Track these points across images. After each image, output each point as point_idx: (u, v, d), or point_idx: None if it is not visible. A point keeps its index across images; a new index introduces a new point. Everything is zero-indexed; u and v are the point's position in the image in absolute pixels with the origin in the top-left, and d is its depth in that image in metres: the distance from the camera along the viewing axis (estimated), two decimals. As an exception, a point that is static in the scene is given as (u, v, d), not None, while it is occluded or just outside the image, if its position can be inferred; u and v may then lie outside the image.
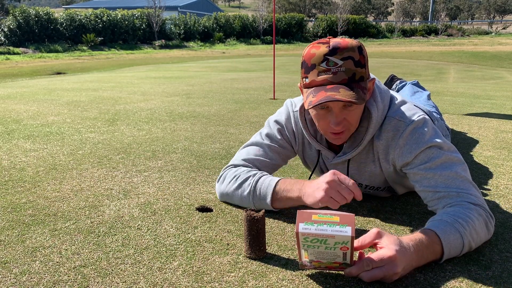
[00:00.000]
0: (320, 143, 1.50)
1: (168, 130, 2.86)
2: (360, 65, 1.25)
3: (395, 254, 1.04)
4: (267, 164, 1.55)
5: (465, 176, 1.29)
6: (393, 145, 1.37)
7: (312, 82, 1.26)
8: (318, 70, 1.25)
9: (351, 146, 1.44)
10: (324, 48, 1.24)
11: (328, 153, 1.50)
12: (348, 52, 1.23)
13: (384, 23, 42.33)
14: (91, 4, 40.21)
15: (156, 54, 20.09)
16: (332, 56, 1.23)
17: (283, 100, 4.37)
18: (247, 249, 1.19)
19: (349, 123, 1.32)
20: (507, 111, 3.86)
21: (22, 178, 1.85)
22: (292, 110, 1.55)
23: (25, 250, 1.22)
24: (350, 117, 1.30)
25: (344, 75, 1.23)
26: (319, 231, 0.99)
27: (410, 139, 1.33)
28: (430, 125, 1.36)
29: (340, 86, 1.22)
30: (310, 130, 1.49)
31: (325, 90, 1.23)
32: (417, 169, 1.32)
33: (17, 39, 21.23)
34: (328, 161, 1.52)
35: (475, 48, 22.52)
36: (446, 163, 1.30)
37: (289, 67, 10.65)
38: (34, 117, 3.29)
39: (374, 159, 1.45)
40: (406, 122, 1.35)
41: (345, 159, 1.47)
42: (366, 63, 1.27)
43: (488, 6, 77.14)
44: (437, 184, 1.29)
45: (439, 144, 1.31)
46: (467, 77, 8.73)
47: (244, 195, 1.47)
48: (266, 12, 32.29)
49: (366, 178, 1.51)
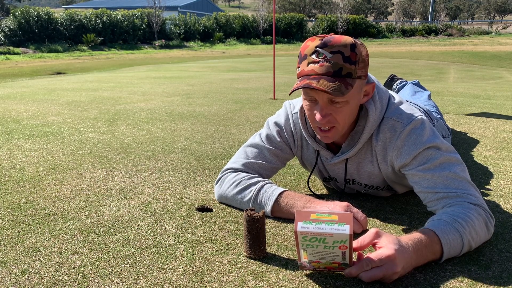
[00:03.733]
0: (319, 144, 1.50)
1: (168, 130, 2.86)
2: (350, 61, 1.25)
3: (394, 253, 1.04)
4: (266, 167, 1.56)
5: (464, 176, 1.29)
6: (391, 146, 1.37)
7: (302, 71, 1.29)
8: (308, 60, 1.27)
9: (348, 145, 1.45)
10: (318, 41, 1.27)
11: (327, 153, 1.50)
12: (339, 47, 1.25)
13: (384, 23, 42.31)
14: (91, 4, 40.21)
15: (156, 54, 20.09)
16: (322, 48, 1.25)
17: (283, 100, 4.37)
18: (247, 249, 1.19)
19: (336, 121, 1.32)
20: (507, 111, 3.86)
21: (22, 178, 1.85)
22: (290, 111, 1.55)
23: (25, 250, 1.22)
24: (337, 114, 1.30)
25: (330, 68, 1.24)
26: (318, 230, 1.00)
27: (408, 140, 1.33)
28: (428, 125, 1.36)
29: (323, 77, 1.24)
30: (309, 130, 1.50)
31: (307, 79, 1.25)
32: (416, 170, 1.32)
33: (17, 39, 21.23)
34: (327, 161, 1.52)
35: (475, 48, 22.51)
36: (444, 163, 1.30)
37: (289, 67, 10.65)
38: (34, 117, 3.29)
39: (372, 159, 1.45)
40: (404, 123, 1.35)
41: (343, 159, 1.47)
42: (358, 61, 1.27)
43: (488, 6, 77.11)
44: (436, 185, 1.29)
45: (437, 145, 1.31)
46: (467, 77, 8.73)
47: (244, 201, 1.47)
48: (266, 12, 32.30)
49: (365, 178, 1.51)
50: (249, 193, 1.46)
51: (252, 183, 1.47)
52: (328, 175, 1.62)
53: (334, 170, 1.55)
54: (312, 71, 1.26)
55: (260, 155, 1.56)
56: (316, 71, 1.25)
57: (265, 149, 1.56)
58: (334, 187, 1.70)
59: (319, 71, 1.25)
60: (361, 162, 1.47)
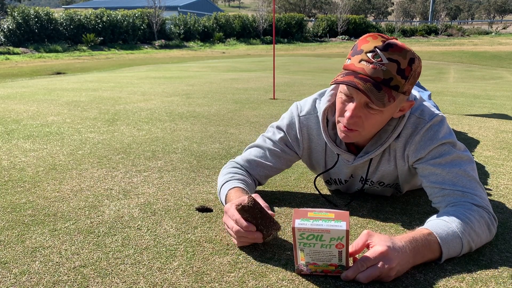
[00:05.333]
0: (340, 147, 1.45)
1: (168, 130, 2.86)
2: (403, 74, 1.20)
3: (387, 249, 1.05)
4: (265, 166, 1.56)
5: (473, 175, 1.30)
6: (410, 142, 1.36)
7: (351, 65, 1.24)
8: (362, 57, 1.22)
9: (374, 145, 1.41)
10: (380, 41, 1.21)
11: (348, 156, 1.45)
12: (398, 56, 1.19)
13: (384, 23, 42.31)
14: (91, 4, 40.20)
15: (156, 54, 20.09)
16: (382, 51, 1.19)
17: (283, 100, 4.37)
18: (265, 232, 1.17)
19: (362, 125, 1.28)
20: (507, 111, 3.86)
21: (22, 178, 1.85)
22: (297, 114, 1.52)
23: (25, 250, 1.22)
24: (366, 119, 1.27)
25: (382, 75, 1.19)
26: (315, 226, 1.01)
27: (425, 136, 1.33)
28: (446, 123, 1.36)
29: (370, 81, 1.19)
30: (329, 134, 1.45)
31: (355, 77, 1.20)
32: (427, 163, 1.33)
33: (17, 39, 21.22)
34: (349, 163, 1.47)
35: (475, 48, 22.52)
36: (456, 160, 1.30)
37: (289, 67, 10.65)
38: (34, 117, 3.29)
39: (390, 158, 1.43)
40: (426, 119, 1.34)
41: (367, 159, 1.43)
42: (410, 77, 1.22)
43: (488, 6, 77.14)
44: (444, 181, 1.29)
45: (452, 141, 1.32)
46: (467, 77, 8.73)
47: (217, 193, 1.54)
48: (266, 12, 32.28)
49: (378, 176, 1.50)
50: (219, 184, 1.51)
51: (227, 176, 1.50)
52: (335, 178, 1.60)
53: (353, 171, 1.52)
54: (363, 70, 1.21)
55: (261, 154, 1.57)
56: (367, 71, 1.20)
57: (267, 149, 1.56)
58: (335, 188, 1.70)
59: (369, 73, 1.20)
60: (380, 161, 1.46)
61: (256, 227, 1.17)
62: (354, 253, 1.10)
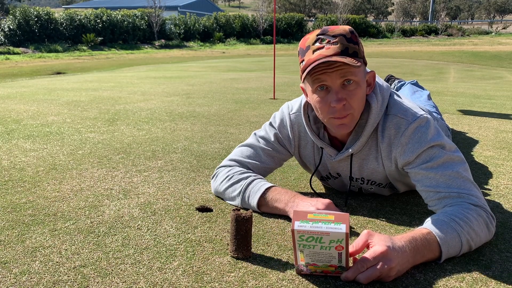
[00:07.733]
0: (323, 141, 1.48)
1: (168, 130, 2.86)
2: (353, 41, 1.27)
3: (386, 249, 1.05)
4: (259, 167, 1.57)
5: (466, 176, 1.29)
6: (396, 143, 1.37)
7: (308, 61, 1.27)
8: (312, 49, 1.27)
9: (353, 140, 1.43)
10: (317, 31, 1.29)
11: (331, 150, 1.48)
12: (339, 31, 1.27)
13: (384, 23, 42.28)
14: (91, 4, 40.20)
15: (156, 54, 20.09)
16: (324, 34, 1.27)
17: (283, 100, 4.37)
18: (234, 249, 1.19)
19: (351, 106, 1.30)
20: (507, 111, 3.86)
21: (22, 178, 1.85)
22: (288, 112, 1.55)
23: (25, 250, 1.22)
24: (351, 98, 1.29)
25: (337, 49, 1.24)
26: (314, 228, 1.01)
27: (412, 138, 1.33)
28: (433, 124, 1.36)
29: (333, 56, 1.23)
30: (313, 128, 1.49)
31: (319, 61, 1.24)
32: (419, 168, 1.32)
33: (17, 39, 21.20)
34: (331, 158, 1.50)
35: (475, 48, 22.51)
36: (447, 162, 1.30)
37: (289, 67, 10.65)
38: (34, 117, 3.29)
39: (377, 156, 1.44)
40: (409, 120, 1.34)
41: (348, 154, 1.45)
42: (359, 42, 1.29)
43: (488, 6, 77.13)
44: (438, 184, 1.29)
45: (441, 143, 1.32)
46: (467, 77, 8.73)
47: (234, 195, 1.51)
48: (266, 12, 32.30)
49: (368, 174, 1.51)
50: (239, 187, 1.49)
51: (243, 178, 1.50)
52: (327, 174, 1.61)
53: (338, 167, 1.54)
54: (320, 55, 1.24)
55: (254, 154, 1.58)
56: (324, 54, 1.24)
57: (259, 149, 1.58)
58: (333, 185, 1.70)
59: (327, 53, 1.24)
60: (365, 159, 1.47)
61: (232, 240, 1.18)
62: (354, 253, 1.10)
